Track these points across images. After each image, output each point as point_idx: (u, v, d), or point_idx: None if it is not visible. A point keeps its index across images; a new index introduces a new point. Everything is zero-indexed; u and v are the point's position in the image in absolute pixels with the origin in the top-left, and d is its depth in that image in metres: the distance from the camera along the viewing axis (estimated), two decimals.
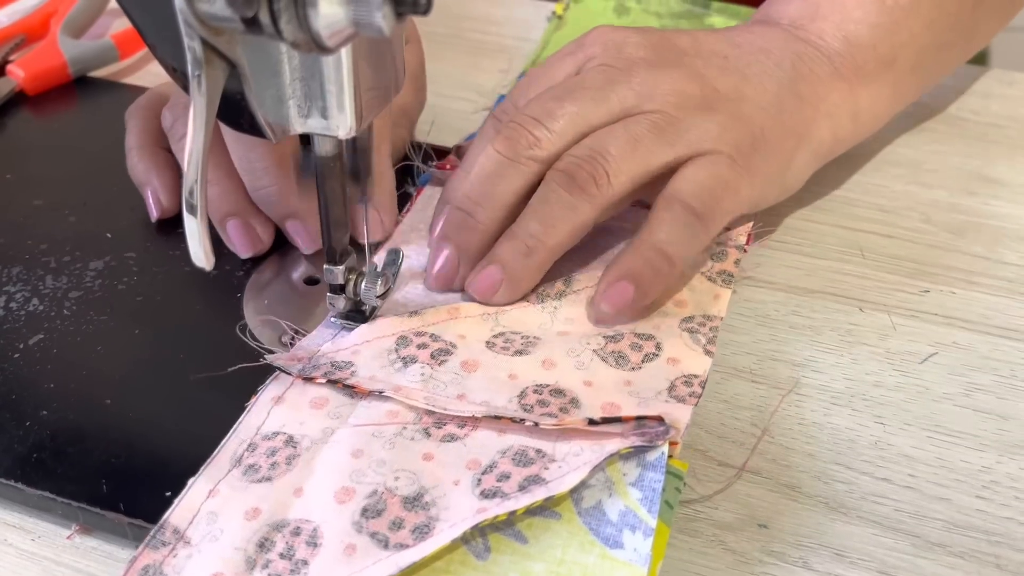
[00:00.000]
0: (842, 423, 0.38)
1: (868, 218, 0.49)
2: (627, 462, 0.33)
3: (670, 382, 0.37)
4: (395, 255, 0.41)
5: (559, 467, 0.32)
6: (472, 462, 0.33)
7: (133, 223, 0.46)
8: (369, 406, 0.35)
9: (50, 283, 0.42)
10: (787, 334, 0.42)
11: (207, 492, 0.32)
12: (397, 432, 0.34)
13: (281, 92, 0.31)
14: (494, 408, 0.35)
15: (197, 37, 0.27)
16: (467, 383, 0.36)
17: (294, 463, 0.33)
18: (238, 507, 0.31)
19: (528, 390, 0.36)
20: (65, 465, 0.34)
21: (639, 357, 0.38)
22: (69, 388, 0.37)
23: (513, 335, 0.39)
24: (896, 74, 0.47)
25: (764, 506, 0.34)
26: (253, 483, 0.32)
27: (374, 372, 0.36)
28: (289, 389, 0.36)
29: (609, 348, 0.38)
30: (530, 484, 0.32)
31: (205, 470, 0.33)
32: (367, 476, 0.32)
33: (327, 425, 0.34)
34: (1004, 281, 0.45)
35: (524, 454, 0.33)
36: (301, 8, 0.25)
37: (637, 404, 0.35)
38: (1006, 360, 0.40)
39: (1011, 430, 0.37)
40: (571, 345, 0.38)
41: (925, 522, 0.34)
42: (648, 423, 0.33)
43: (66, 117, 0.55)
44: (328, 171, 0.35)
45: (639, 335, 0.39)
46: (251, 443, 0.34)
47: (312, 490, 0.32)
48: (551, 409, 0.35)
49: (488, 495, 0.31)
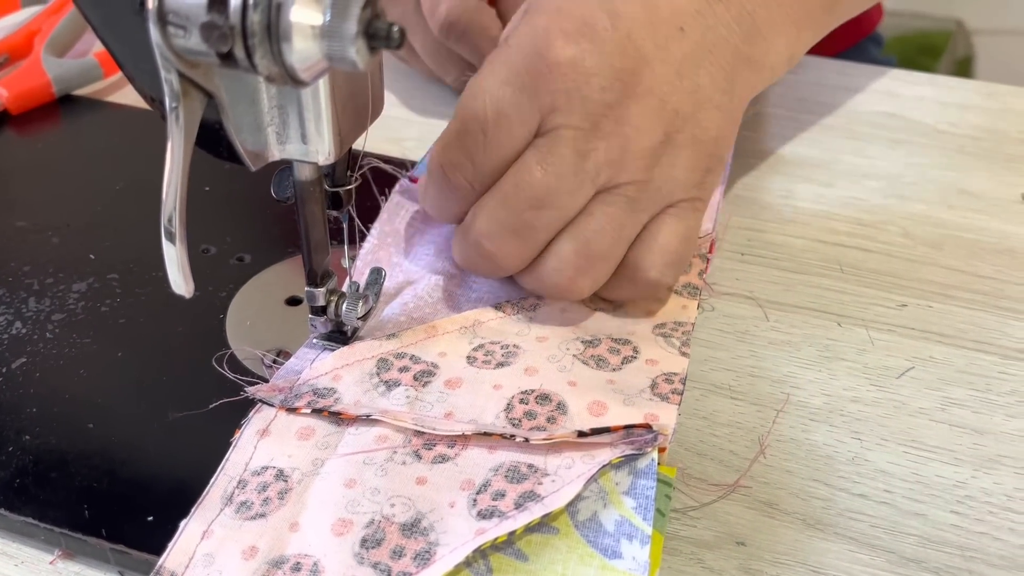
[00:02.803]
0: (820, 439, 0.38)
1: (847, 232, 0.49)
2: (619, 471, 0.33)
3: (652, 379, 0.38)
4: (377, 274, 0.41)
5: (553, 481, 0.33)
6: (466, 482, 0.33)
7: (116, 244, 0.46)
8: (357, 433, 0.35)
9: (33, 306, 0.42)
10: (766, 350, 0.42)
11: (201, 534, 0.31)
12: (388, 457, 0.34)
13: (259, 120, 0.32)
14: (483, 425, 0.35)
15: (174, 70, 0.27)
16: (453, 400, 0.36)
17: (287, 497, 0.33)
18: (235, 547, 0.31)
19: (514, 400, 0.36)
20: (47, 490, 0.34)
21: (618, 359, 0.39)
22: (52, 412, 0.37)
23: (492, 346, 0.39)
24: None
25: (742, 523, 0.35)
26: (247, 521, 0.32)
27: (358, 397, 0.36)
28: (273, 421, 0.36)
29: (588, 353, 0.39)
30: (526, 501, 0.32)
31: (196, 511, 0.32)
32: (363, 505, 0.32)
33: (316, 456, 0.34)
34: (980, 295, 0.45)
35: (516, 470, 0.33)
36: (275, 43, 0.25)
37: (623, 401, 0.36)
38: (982, 374, 0.41)
39: (986, 444, 0.38)
40: (551, 352, 0.39)
41: (900, 538, 0.34)
42: (636, 431, 0.34)
43: (50, 137, 0.55)
44: (308, 195, 0.36)
45: (615, 340, 0.40)
46: (241, 480, 0.33)
47: (308, 524, 0.32)
48: (539, 421, 0.35)
49: (486, 515, 0.32)
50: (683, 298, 0.43)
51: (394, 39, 0.25)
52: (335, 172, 0.37)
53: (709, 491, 0.36)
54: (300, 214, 0.36)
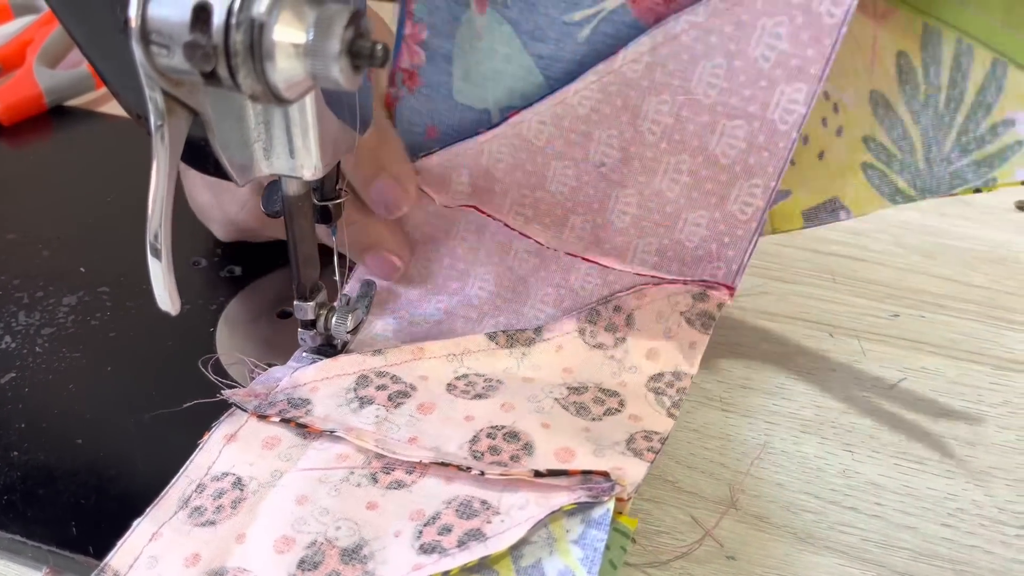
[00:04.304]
0: (811, 451, 0.38)
1: (839, 241, 0.49)
2: (571, 518, 0.32)
3: (630, 435, 0.36)
4: (368, 287, 0.41)
5: (502, 521, 0.32)
6: (416, 512, 0.33)
7: (107, 257, 0.46)
8: (321, 448, 0.35)
9: (23, 319, 0.42)
10: (758, 361, 0.42)
11: (151, 535, 0.32)
12: (344, 477, 0.34)
13: (246, 136, 0.32)
14: (443, 455, 0.34)
15: (158, 88, 0.27)
16: (421, 426, 0.36)
17: (239, 507, 0.33)
18: (179, 553, 0.31)
19: (482, 434, 0.35)
20: (35, 508, 0.34)
21: (601, 410, 0.38)
22: (40, 428, 0.37)
23: (477, 377, 0.39)
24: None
25: (732, 537, 0.35)
26: (197, 527, 0.32)
27: (329, 411, 0.36)
28: (243, 427, 0.36)
29: (571, 399, 0.38)
30: (469, 539, 0.31)
31: (152, 511, 0.32)
32: (309, 525, 0.32)
33: (276, 467, 0.34)
34: (973, 304, 0.45)
35: (469, 505, 0.33)
36: (258, 62, 0.25)
37: (593, 451, 0.35)
38: (973, 385, 0.41)
39: (977, 456, 0.38)
40: (533, 392, 0.38)
41: (891, 551, 0.34)
42: (594, 478, 0.32)
43: (41, 148, 0.55)
44: (296, 210, 0.36)
45: (604, 391, 0.39)
46: (200, 483, 0.34)
47: (254, 537, 0.32)
48: (502, 457, 0.34)
49: (427, 550, 0.31)
50: (695, 330, 0.40)
51: (377, 57, 0.25)
52: (324, 186, 0.37)
53: (697, 502, 0.36)
54: (289, 228, 0.36)
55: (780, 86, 0.35)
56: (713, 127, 0.36)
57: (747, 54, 0.35)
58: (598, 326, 0.40)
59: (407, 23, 0.38)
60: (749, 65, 0.35)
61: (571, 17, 0.36)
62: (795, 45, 0.34)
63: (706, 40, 0.35)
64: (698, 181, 0.38)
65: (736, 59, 0.35)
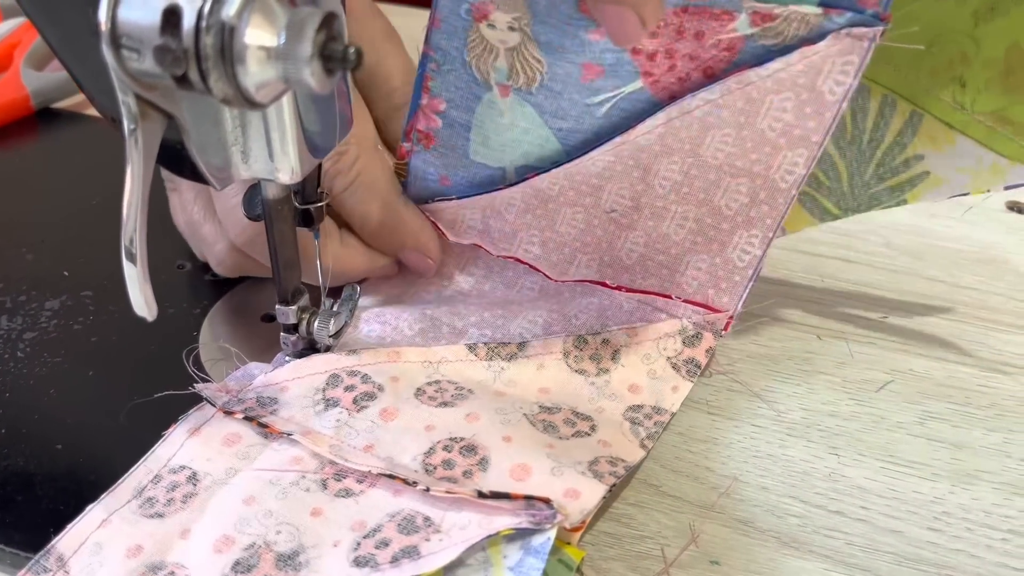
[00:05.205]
0: (797, 455, 0.38)
1: (828, 242, 0.49)
2: (510, 544, 0.31)
3: (595, 456, 0.35)
4: (352, 291, 0.41)
5: (440, 540, 0.31)
6: (358, 523, 0.32)
7: (91, 260, 0.46)
8: (278, 450, 0.35)
9: (4, 324, 0.42)
10: (745, 363, 0.42)
11: (99, 521, 0.32)
12: (294, 481, 0.34)
13: (223, 139, 0.31)
14: (394, 466, 0.34)
15: (131, 92, 0.27)
16: (379, 433, 0.35)
17: (189, 502, 0.33)
18: (122, 542, 0.31)
19: (438, 446, 0.35)
20: (13, 514, 0.34)
21: (570, 431, 0.37)
22: (20, 433, 0.37)
23: (448, 384, 0.38)
24: None
25: (716, 542, 0.34)
26: (145, 518, 0.32)
27: (294, 412, 0.36)
28: (208, 422, 0.36)
29: (541, 417, 0.37)
30: (404, 557, 0.31)
31: (106, 498, 0.32)
32: (251, 526, 0.32)
33: (232, 465, 0.34)
34: (961, 305, 0.45)
35: (412, 521, 0.32)
36: (229, 66, 0.25)
37: (551, 469, 0.33)
38: (961, 387, 0.41)
39: (964, 459, 0.37)
40: (502, 405, 0.37)
41: (876, 556, 0.34)
42: (537, 504, 0.31)
43: (27, 151, 0.55)
44: (277, 214, 0.35)
45: (577, 414, 0.38)
46: (157, 474, 0.34)
47: (197, 534, 0.32)
48: (454, 472, 0.34)
49: (360, 563, 0.31)
50: (680, 376, 0.40)
51: (350, 60, 0.25)
52: (305, 189, 0.37)
53: (684, 507, 0.35)
54: (269, 232, 0.36)
55: (783, 152, 0.37)
56: (719, 183, 0.39)
57: (755, 125, 0.37)
58: (584, 352, 0.40)
59: (423, 95, 0.40)
60: (756, 134, 0.37)
61: (592, 100, 0.38)
62: (799, 117, 0.36)
63: (718, 114, 0.37)
64: (703, 228, 0.40)
65: (744, 129, 0.37)
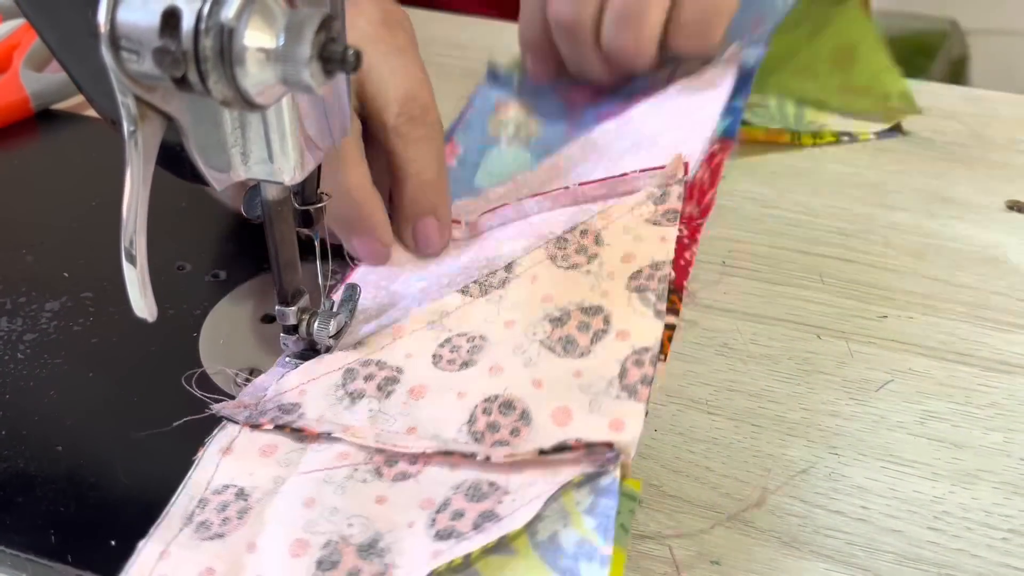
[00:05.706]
0: (797, 454, 0.38)
1: (828, 242, 0.49)
2: (580, 490, 0.32)
3: (621, 365, 0.36)
4: (351, 291, 0.41)
5: (513, 500, 0.32)
6: (426, 501, 0.33)
7: (91, 262, 0.46)
8: (319, 450, 0.35)
9: (4, 325, 0.42)
10: (745, 363, 0.42)
11: (158, 554, 0.31)
12: (348, 475, 0.34)
13: (223, 140, 0.31)
14: (444, 442, 0.34)
15: (130, 94, 0.27)
16: (416, 413, 0.36)
17: (246, 517, 0.32)
18: (191, 568, 0.31)
19: (478, 411, 0.35)
20: (14, 516, 0.34)
21: (587, 339, 0.38)
22: (20, 435, 0.37)
23: (459, 339, 0.39)
24: None
25: (717, 543, 0.34)
26: (205, 541, 0.32)
27: (322, 412, 0.36)
28: (237, 438, 0.35)
29: (556, 335, 0.38)
30: (484, 521, 0.31)
31: (155, 531, 0.32)
32: (320, 526, 0.32)
33: (277, 474, 0.34)
34: (962, 305, 0.45)
35: (478, 488, 0.33)
36: (228, 68, 0.25)
37: (589, 405, 0.35)
38: (961, 387, 0.41)
39: (964, 459, 0.37)
40: (518, 340, 0.38)
41: (876, 555, 0.34)
42: (598, 448, 0.33)
43: (27, 152, 0.55)
44: (276, 215, 0.35)
45: (585, 309, 0.39)
46: (201, 499, 0.33)
47: (266, 545, 0.32)
48: (502, 434, 0.34)
49: (443, 536, 0.31)
50: (662, 227, 0.42)
51: (349, 62, 0.25)
52: (305, 190, 0.37)
53: (683, 507, 0.35)
54: (269, 233, 0.36)
55: None
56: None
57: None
58: (569, 250, 0.42)
59: (451, 141, 0.53)
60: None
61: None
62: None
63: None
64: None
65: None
